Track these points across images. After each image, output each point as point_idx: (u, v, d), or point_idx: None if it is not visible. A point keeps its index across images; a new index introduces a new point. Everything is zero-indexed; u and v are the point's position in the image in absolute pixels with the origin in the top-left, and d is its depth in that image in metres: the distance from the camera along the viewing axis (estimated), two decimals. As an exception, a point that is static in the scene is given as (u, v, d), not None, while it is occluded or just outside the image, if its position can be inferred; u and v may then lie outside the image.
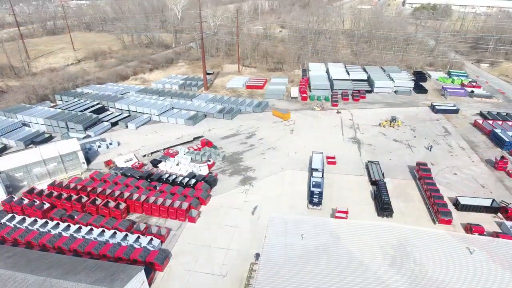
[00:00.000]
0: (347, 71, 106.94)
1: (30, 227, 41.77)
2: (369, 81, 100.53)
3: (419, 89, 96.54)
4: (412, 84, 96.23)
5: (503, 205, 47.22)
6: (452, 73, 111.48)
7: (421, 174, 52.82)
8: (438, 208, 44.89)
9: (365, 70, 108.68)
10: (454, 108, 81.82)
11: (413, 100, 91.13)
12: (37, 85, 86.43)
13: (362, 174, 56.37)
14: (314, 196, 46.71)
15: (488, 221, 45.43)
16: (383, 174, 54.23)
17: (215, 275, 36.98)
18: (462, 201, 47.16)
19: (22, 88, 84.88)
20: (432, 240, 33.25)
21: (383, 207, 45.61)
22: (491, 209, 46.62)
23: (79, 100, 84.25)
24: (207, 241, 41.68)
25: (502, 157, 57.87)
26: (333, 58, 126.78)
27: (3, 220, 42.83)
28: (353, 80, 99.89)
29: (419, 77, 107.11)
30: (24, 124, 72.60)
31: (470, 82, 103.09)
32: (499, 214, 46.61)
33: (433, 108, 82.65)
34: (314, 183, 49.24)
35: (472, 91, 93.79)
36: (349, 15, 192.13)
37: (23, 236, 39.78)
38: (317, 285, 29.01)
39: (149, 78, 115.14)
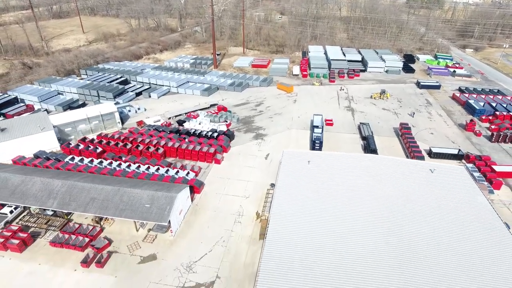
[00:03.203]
0: (343, 53, 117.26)
1: (89, 164, 52.16)
2: (363, 61, 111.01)
3: (408, 69, 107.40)
4: (401, 64, 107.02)
5: (467, 153, 58.73)
6: (438, 56, 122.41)
7: (403, 131, 64.08)
8: (414, 154, 56.19)
9: (359, 52, 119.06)
10: (437, 84, 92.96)
11: (401, 78, 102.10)
12: (65, 60, 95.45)
13: (354, 132, 67.52)
14: (316, 144, 57.76)
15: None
16: (372, 132, 65.31)
17: (240, 197, 47.99)
18: (434, 150, 58.51)
19: (52, 63, 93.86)
20: (405, 165, 44.47)
21: (371, 153, 56.71)
22: (457, 156, 58.05)
23: (103, 74, 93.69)
24: (231, 176, 52.59)
25: (471, 120, 69.30)
26: (331, 42, 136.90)
27: (66, 160, 53.10)
28: (348, 60, 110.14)
29: (409, 59, 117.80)
30: (59, 93, 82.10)
31: (454, 64, 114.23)
32: (463, 160, 58.12)
33: (418, 84, 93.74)
34: (315, 136, 60.26)
35: (454, 71, 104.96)
36: (346, 2, 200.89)
37: (86, 169, 50.13)
38: (319, 193, 39.98)
39: (161, 57, 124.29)
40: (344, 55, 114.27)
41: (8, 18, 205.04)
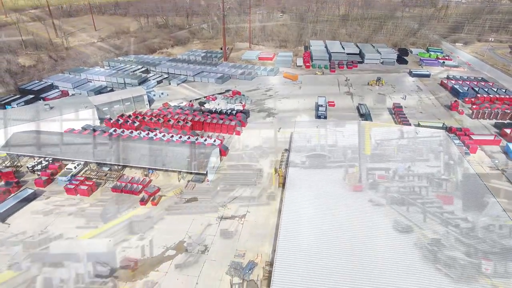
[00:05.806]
0: (342, 46, 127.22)
1: (130, 134, 61.59)
2: (361, 54, 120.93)
3: (401, 61, 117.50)
4: (395, 56, 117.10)
5: (450, 127, 68.68)
6: (430, 49, 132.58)
7: (396, 110, 74.03)
8: (404, 126, 66.07)
9: (357, 46, 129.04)
10: (427, 73, 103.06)
11: (395, 68, 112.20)
12: (89, 52, 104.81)
13: (354, 111, 77.38)
14: (320, 119, 67.57)
15: (438, 136, 66.76)
16: (369, 111, 75.16)
17: (260, 158, 57.63)
18: (422, 123, 68.37)
19: (79, 54, 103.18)
20: (397, 130, 54.34)
21: (368, 126, 66.55)
22: (442, 129, 67.79)
23: (125, 65, 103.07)
24: (250, 143, 62.24)
25: (455, 101, 79.33)
26: (330, 38, 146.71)
27: (110, 131, 62.53)
28: (347, 53, 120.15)
29: (402, 52, 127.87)
30: (88, 81, 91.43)
31: (444, 56, 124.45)
32: (446, 132, 67.95)
33: (410, 73, 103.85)
34: (320, 113, 70.09)
35: (444, 62, 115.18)
36: (344, 1, 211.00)
37: (129, 138, 59.54)
38: (327, 149, 49.72)
39: (173, 52, 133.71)
40: (343, 48, 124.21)
41: (21, 16, 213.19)
